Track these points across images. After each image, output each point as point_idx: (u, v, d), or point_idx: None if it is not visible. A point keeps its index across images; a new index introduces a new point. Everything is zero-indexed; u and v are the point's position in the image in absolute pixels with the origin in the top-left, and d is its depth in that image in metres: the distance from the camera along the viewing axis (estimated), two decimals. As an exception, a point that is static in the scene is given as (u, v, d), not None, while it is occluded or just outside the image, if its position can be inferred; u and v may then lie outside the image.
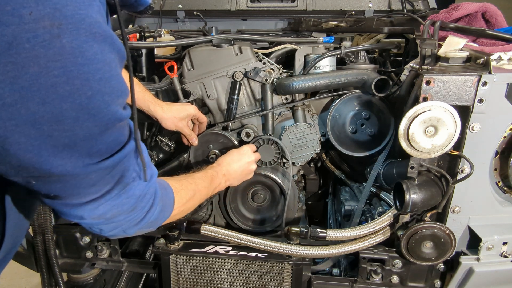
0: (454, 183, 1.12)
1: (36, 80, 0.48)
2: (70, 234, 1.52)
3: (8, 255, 0.84)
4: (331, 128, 1.42)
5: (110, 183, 0.67)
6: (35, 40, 0.46)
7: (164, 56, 1.92)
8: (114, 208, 0.70)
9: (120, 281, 1.72)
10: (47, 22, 0.47)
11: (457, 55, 1.12)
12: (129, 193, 0.71)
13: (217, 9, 2.22)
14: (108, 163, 0.62)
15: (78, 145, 0.56)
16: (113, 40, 0.56)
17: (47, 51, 0.48)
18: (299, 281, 1.36)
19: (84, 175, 0.60)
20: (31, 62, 0.47)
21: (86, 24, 0.51)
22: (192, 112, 1.39)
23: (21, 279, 2.79)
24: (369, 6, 2.16)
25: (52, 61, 0.48)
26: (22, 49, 0.46)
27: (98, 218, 0.70)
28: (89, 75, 0.52)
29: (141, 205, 0.76)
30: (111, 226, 0.74)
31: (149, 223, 0.81)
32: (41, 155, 0.53)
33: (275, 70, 1.49)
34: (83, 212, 0.68)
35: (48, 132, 0.52)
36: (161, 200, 0.83)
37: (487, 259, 1.19)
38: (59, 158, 0.55)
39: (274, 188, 1.54)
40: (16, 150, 0.51)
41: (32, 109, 0.49)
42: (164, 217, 0.88)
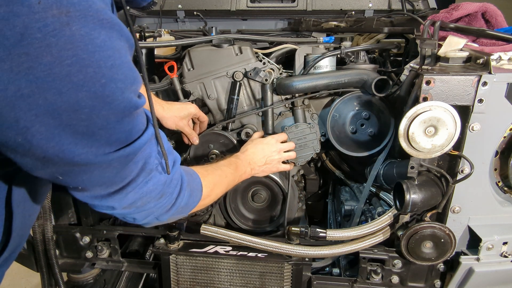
0: (454, 183, 1.12)
1: (51, 70, 0.48)
2: (70, 234, 1.52)
3: (13, 254, 0.84)
4: (331, 128, 1.42)
5: (134, 171, 0.68)
6: (46, 29, 0.46)
7: (164, 56, 1.92)
8: (143, 196, 0.71)
9: (120, 281, 1.72)
10: (55, 10, 0.47)
11: (457, 55, 1.12)
12: (155, 179, 0.72)
13: (217, 9, 2.22)
14: (130, 150, 0.62)
15: (96, 133, 0.56)
16: (121, 27, 0.56)
17: (58, 40, 0.47)
18: (299, 281, 1.36)
19: (107, 164, 0.61)
20: (44, 52, 0.47)
21: (93, 10, 0.51)
22: (193, 111, 1.39)
23: (21, 279, 2.79)
24: (369, 6, 2.15)
25: (64, 49, 0.48)
26: (34, 39, 0.46)
27: (129, 207, 0.71)
28: (101, 62, 0.52)
29: (169, 190, 0.77)
30: (144, 214, 0.76)
31: (180, 208, 0.82)
32: (62, 143, 0.54)
33: (275, 70, 1.49)
34: (113, 202, 0.69)
35: (66, 121, 0.52)
36: (189, 185, 0.85)
37: (487, 259, 1.19)
38: (80, 147, 0.56)
39: (274, 188, 1.55)
40: (39, 140, 0.52)
41: (49, 99, 0.49)
42: (195, 202, 0.89)
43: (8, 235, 0.79)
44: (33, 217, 0.90)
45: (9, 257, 0.83)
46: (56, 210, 1.52)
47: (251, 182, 1.56)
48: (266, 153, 1.28)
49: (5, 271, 0.86)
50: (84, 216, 1.56)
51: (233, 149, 1.46)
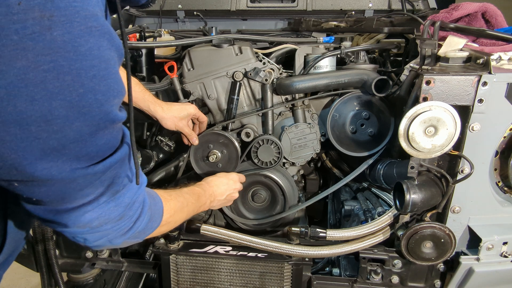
0: (454, 183, 1.12)
1: (24, 75, 0.45)
2: (70, 234, 1.52)
3: (10, 257, 0.83)
4: (331, 128, 1.42)
5: (98, 190, 0.62)
6: (24, 32, 0.43)
7: (164, 56, 1.93)
8: (101, 216, 0.65)
9: (120, 281, 1.72)
10: (37, 13, 0.44)
11: (457, 55, 1.12)
12: (118, 200, 0.67)
13: (217, 9, 2.22)
14: (98, 168, 0.58)
15: (66, 147, 0.52)
16: (112, 36, 0.53)
17: (36, 44, 0.44)
18: (299, 281, 1.36)
19: (70, 180, 0.56)
20: (19, 55, 0.44)
21: (81, 17, 0.48)
22: (192, 112, 1.39)
23: (21, 279, 2.79)
24: (369, 6, 2.15)
25: (41, 55, 0.45)
26: (9, 40, 0.43)
27: (84, 226, 0.64)
28: (82, 71, 0.49)
29: (130, 213, 0.71)
30: (97, 236, 0.68)
31: (137, 233, 0.77)
32: (26, 157, 0.49)
33: (275, 70, 1.49)
34: (67, 220, 0.62)
35: (36, 134, 0.48)
36: (150, 209, 0.79)
37: (487, 259, 1.19)
38: (45, 162, 0.51)
39: (274, 188, 1.54)
40: (0, 148, 0.48)
41: (19, 107, 0.46)
42: (153, 228, 0.83)
43: (2, 240, 0.75)
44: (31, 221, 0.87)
45: (6, 261, 0.81)
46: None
47: (251, 182, 1.56)
48: (228, 189, 1.31)
49: (3, 274, 0.84)
50: (84, 216, 1.56)
51: (233, 149, 1.47)
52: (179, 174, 1.56)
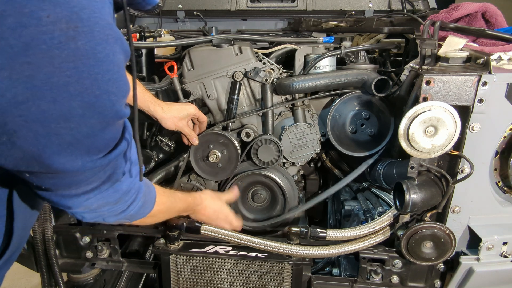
0: (454, 183, 1.12)
1: (49, 79, 0.49)
2: (70, 234, 1.52)
3: (14, 255, 0.85)
4: (331, 128, 1.42)
5: (101, 179, 0.69)
6: (52, 42, 0.48)
7: (164, 56, 1.92)
8: (101, 200, 0.73)
9: (120, 281, 1.72)
10: (64, 24, 0.48)
11: (457, 55, 1.12)
12: (117, 187, 0.74)
13: (217, 9, 2.22)
14: (104, 161, 0.64)
15: (80, 142, 0.57)
16: (122, 42, 0.58)
17: (61, 52, 0.49)
18: (299, 281, 1.36)
19: (80, 172, 0.62)
20: (46, 62, 0.48)
21: (100, 26, 0.52)
22: (192, 112, 1.39)
23: (21, 279, 2.79)
24: (369, 6, 2.15)
25: (66, 62, 0.50)
26: (38, 50, 0.47)
27: (84, 208, 0.73)
28: (99, 76, 0.54)
29: (125, 198, 0.80)
30: (94, 215, 0.78)
31: (129, 215, 0.86)
32: (45, 151, 0.55)
33: (275, 70, 1.49)
34: (71, 203, 0.70)
35: (55, 131, 0.53)
36: (144, 196, 0.87)
37: (487, 259, 1.19)
38: (62, 156, 0.57)
39: (274, 188, 1.54)
40: (22, 143, 0.53)
41: (42, 107, 0.51)
42: (144, 213, 0.92)
43: (9, 236, 0.79)
44: (34, 218, 0.91)
45: (10, 258, 0.84)
46: (56, 210, 1.52)
47: (251, 182, 1.56)
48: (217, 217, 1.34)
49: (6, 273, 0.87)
50: (84, 216, 1.56)
51: (233, 149, 1.47)
52: (179, 174, 1.56)
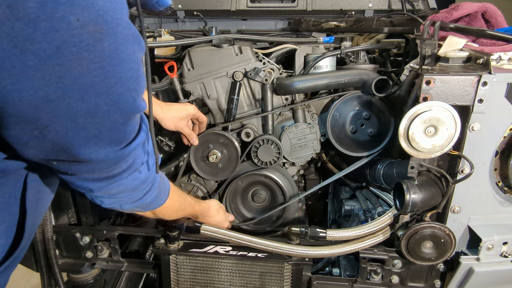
0: (454, 183, 1.12)
1: (78, 79, 0.53)
2: (70, 234, 1.52)
3: (21, 253, 0.88)
4: (331, 127, 1.42)
5: (122, 167, 0.75)
6: (81, 44, 0.51)
7: (164, 56, 1.93)
8: (120, 187, 0.79)
9: (120, 281, 1.72)
10: (91, 27, 0.51)
11: (457, 55, 1.12)
12: (136, 176, 0.81)
13: (217, 9, 2.22)
14: (125, 152, 0.70)
15: (103, 134, 0.62)
16: (140, 40, 0.62)
17: (89, 54, 0.52)
18: (299, 281, 1.36)
19: (103, 161, 0.67)
20: (75, 64, 0.52)
21: (122, 27, 0.56)
22: (192, 112, 1.39)
23: (21, 279, 2.79)
24: (369, 6, 2.15)
25: (93, 62, 0.53)
26: (69, 52, 0.50)
27: (104, 193, 0.79)
28: (122, 74, 0.58)
29: (142, 187, 0.86)
30: (112, 201, 0.85)
31: (144, 204, 0.92)
32: (73, 144, 0.60)
33: (275, 70, 1.49)
34: (93, 187, 0.76)
35: (82, 125, 0.58)
36: (159, 186, 0.95)
37: (487, 259, 1.19)
38: (87, 148, 0.62)
39: (274, 188, 1.54)
40: (53, 136, 0.57)
41: (71, 105, 0.55)
42: (157, 204, 1.00)
43: (21, 234, 0.83)
44: (41, 218, 0.94)
45: (17, 256, 0.86)
46: (56, 210, 1.52)
47: (251, 182, 1.56)
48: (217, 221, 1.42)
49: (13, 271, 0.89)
50: (84, 216, 1.56)
51: (233, 149, 1.47)
52: (180, 174, 1.56)
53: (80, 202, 1.54)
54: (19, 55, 0.48)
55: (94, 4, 0.51)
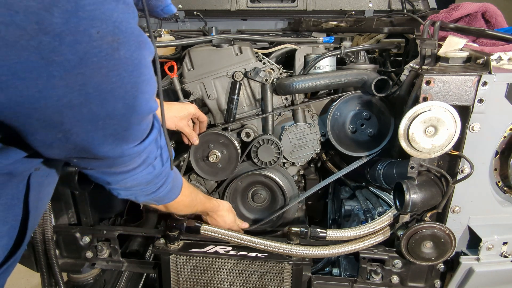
0: (454, 183, 1.12)
1: (98, 86, 0.58)
2: (70, 234, 1.52)
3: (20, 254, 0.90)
4: (331, 126, 1.42)
5: (137, 162, 0.81)
6: (101, 54, 0.55)
7: (164, 56, 1.92)
8: (135, 180, 0.85)
9: (120, 281, 1.72)
10: (109, 38, 0.55)
11: (457, 55, 1.12)
12: (150, 170, 0.86)
13: (217, 9, 2.22)
14: (139, 148, 0.75)
15: (120, 134, 0.68)
16: (150, 44, 0.66)
17: (108, 62, 0.57)
18: (299, 281, 1.36)
19: (119, 157, 0.73)
20: (96, 72, 0.56)
21: (135, 35, 0.60)
22: (192, 111, 1.39)
23: (21, 279, 2.79)
24: (369, 6, 2.15)
25: (112, 70, 0.58)
26: (90, 62, 0.55)
27: (121, 185, 0.86)
28: (137, 79, 0.63)
29: (156, 181, 0.92)
30: (128, 193, 0.91)
31: (158, 197, 0.98)
32: (93, 143, 0.65)
33: (275, 70, 1.49)
34: (111, 179, 0.82)
35: (101, 126, 0.63)
36: (173, 181, 1.00)
37: (487, 259, 1.19)
38: (106, 145, 0.67)
39: (274, 188, 1.54)
40: (75, 138, 0.63)
41: (93, 109, 0.60)
42: (171, 198, 1.05)
43: (23, 235, 0.86)
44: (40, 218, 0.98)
45: (17, 257, 0.88)
46: (56, 210, 1.52)
47: (251, 182, 1.56)
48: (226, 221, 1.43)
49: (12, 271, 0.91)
50: (84, 216, 1.56)
51: (233, 150, 1.47)
52: (181, 173, 1.56)
53: (80, 202, 1.54)
54: (46, 66, 0.52)
55: (111, 16, 0.55)
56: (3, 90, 0.53)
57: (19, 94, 0.54)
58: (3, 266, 0.83)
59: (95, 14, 0.53)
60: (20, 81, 0.52)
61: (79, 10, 0.51)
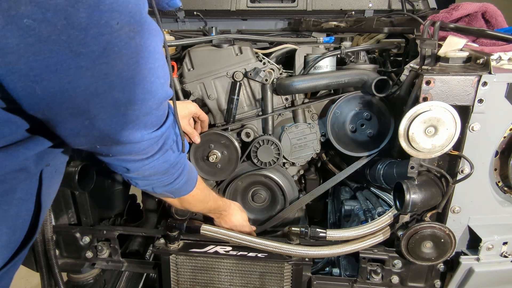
0: (454, 183, 1.12)
1: (120, 74, 0.62)
2: (70, 234, 1.52)
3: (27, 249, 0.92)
4: (331, 125, 1.42)
5: (154, 149, 0.84)
6: (121, 44, 0.59)
7: (164, 56, 1.92)
8: (152, 169, 0.88)
9: (120, 281, 1.72)
10: (127, 28, 0.59)
11: (457, 55, 1.12)
12: (166, 158, 0.89)
13: (217, 9, 2.22)
14: (157, 133, 0.78)
15: (140, 119, 0.71)
16: (160, 32, 0.69)
17: (127, 51, 0.61)
18: (299, 281, 1.36)
19: (139, 142, 0.76)
20: (118, 61, 0.60)
21: (148, 24, 0.64)
22: (193, 110, 1.39)
23: (21, 279, 2.79)
24: (369, 6, 2.15)
25: (130, 58, 0.62)
26: (112, 52, 0.59)
27: (139, 174, 0.88)
28: (152, 65, 0.66)
29: (172, 171, 0.95)
30: (146, 183, 0.94)
31: (174, 189, 1.01)
32: (116, 129, 0.69)
33: (275, 70, 1.49)
34: (130, 166, 0.85)
35: (123, 112, 0.67)
36: (188, 173, 1.03)
37: (487, 259, 1.19)
38: (127, 130, 0.71)
39: (274, 188, 1.54)
40: (100, 124, 0.67)
41: (115, 96, 0.64)
42: (187, 190, 1.08)
43: (35, 228, 0.89)
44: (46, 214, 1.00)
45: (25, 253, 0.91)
46: (56, 210, 1.52)
47: (251, 182, 1.56)
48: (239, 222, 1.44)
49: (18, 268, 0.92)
50: (84, 216, 1.56)
51: (234, 151, 1.46)
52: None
53: (80, 202, 1.54)
54: (74, 58, 0.56)
55: (126, 7, 0.58)
56: (38, 83, 0.56)
57: (52, 86, 0.58)
58: (14, 259, 0.86)
59: (114, 7, 0.56)
60: (53, 74, 0.56)
61: (100, 4, 0.54)
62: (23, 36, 0.52)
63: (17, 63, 0.54)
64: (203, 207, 1.27)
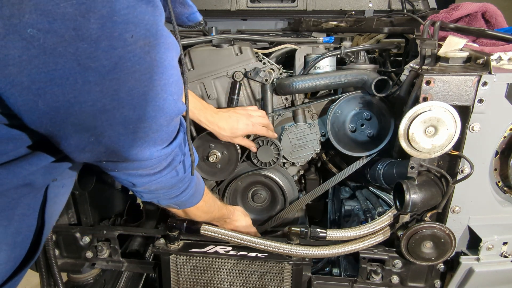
0: (454, 183, 1.12)
1: (131, 91, 0.58)
2: (70, 234, 1.52)
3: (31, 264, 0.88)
4: (331, 124, 1.42)
5: (162, 165, 0.80)
6: (134, 59, 0.55)
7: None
8: (159, 184, 0.85)
9: (120, 281, 1.72)
10: (142, 42, 0.55)
11: (457, 55, 1.12)
12: (174, 174, 0.86)
13: (217, 9, 2.22)
14: (167, 150, 0.75)
15: (149, 136, 0.67)
16: (176, 45, 0.65)
17: (141, 66, 0.56)
18: (299, 281, 1.36)
19: (147, 160, 0.72)
20: (130, 77, 0.56)
21: (164, 37, 0.59)
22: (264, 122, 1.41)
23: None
24: (369, 6, 2.15)
25: (143, 74, 0.57)
26: (124, 67, 0.55)
27: (145, 188, 0.86)
28: (166, 81, 0.62)
29: (179, 185, 0.92)
30: (151, 196, 0.91)
31: (180, 202, 0.99)
32: (124, 146, 0.65)
33: (275, 70, 1.49)
34: (136, 181, 0.81)
35: (132, 130, 0.63)
36: (195, 185, 1.01)
37: (487, 259, 1.19)
38: (135, 148, 0.67)
39: (274, 188, 1.54)
40: (107, 141, 0.63)
41: (125, 114, 0.60)
42: (192, 203, 1.06)
43: (37, 246, 0.84)
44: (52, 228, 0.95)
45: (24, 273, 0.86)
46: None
47: (251, 182, 1.56)
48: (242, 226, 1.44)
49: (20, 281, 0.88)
50: (84, 216, 1.56)
51: (234, 151, 1.46)
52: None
53: (80, 202, 1.54)
54: (82, 72, 0.52)
55: (142, 19, 0.54)
56: (41, 97, 0.52)
57: (56, 100, 0.53)
58: (14, 278, 0.81)
59: (129, 18, 0.52)
60: (57, 87, 0.52)
61: (114, 14, 0.50)
62: (26, 47, 0.48)
63: (18, 75, 0.49)
64: (208, 217, 1.27)
